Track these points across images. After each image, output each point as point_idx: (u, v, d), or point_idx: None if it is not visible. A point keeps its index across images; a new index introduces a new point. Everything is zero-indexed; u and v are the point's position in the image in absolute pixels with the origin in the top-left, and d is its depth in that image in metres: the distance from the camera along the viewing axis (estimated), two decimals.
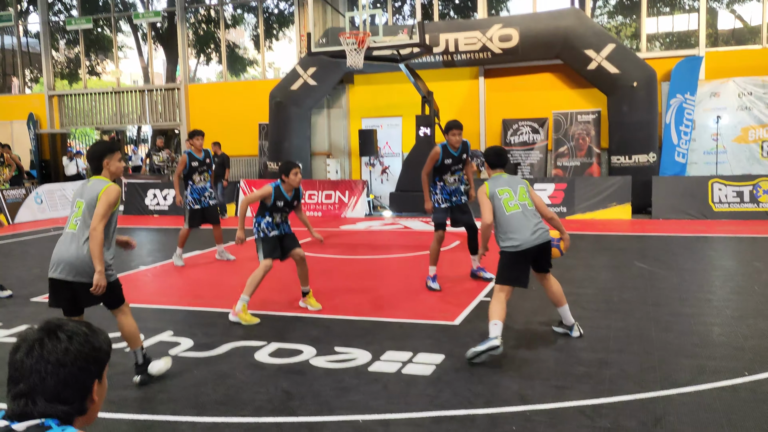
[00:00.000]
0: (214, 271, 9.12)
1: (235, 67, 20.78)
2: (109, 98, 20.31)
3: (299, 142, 16.53)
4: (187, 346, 5.66)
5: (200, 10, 20.51)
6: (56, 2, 21.94)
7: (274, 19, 20.01)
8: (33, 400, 1.61)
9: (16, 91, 22.22)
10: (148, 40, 20.73)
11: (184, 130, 19.06)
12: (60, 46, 22.34)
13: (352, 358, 5.25)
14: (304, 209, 14.47)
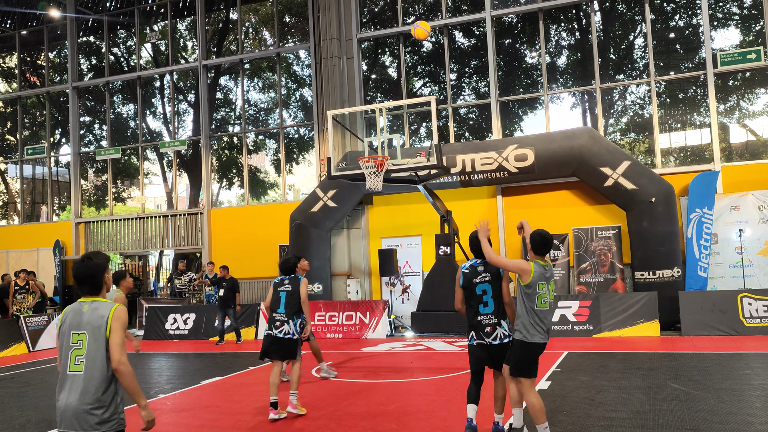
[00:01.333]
0: (235, 398, 8.89)
1: (257, 191, 21.31)
2: (133, 224, 20.78)
3: (319, 263, 16.61)
4: None
5: (224, 138, 21.34)
6: (87, 134, 22.98)
7: (294, 143, 20.73)
8: None
9: (44, 219, 22.84)
10: (173, 167, 21.46)
11: (206, 254, 19.29)
12: (89, 175, 23.17)
13: None
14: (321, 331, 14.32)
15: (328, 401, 8.36)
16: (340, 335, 14.97)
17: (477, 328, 6.05)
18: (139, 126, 21.57)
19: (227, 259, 18.10)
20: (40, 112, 23.17)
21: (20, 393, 10.04)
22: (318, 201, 16.36)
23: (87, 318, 3.76)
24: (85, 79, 22.33)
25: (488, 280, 6.05)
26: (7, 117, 23.65)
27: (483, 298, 6.01)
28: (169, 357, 13.37)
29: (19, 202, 23.37)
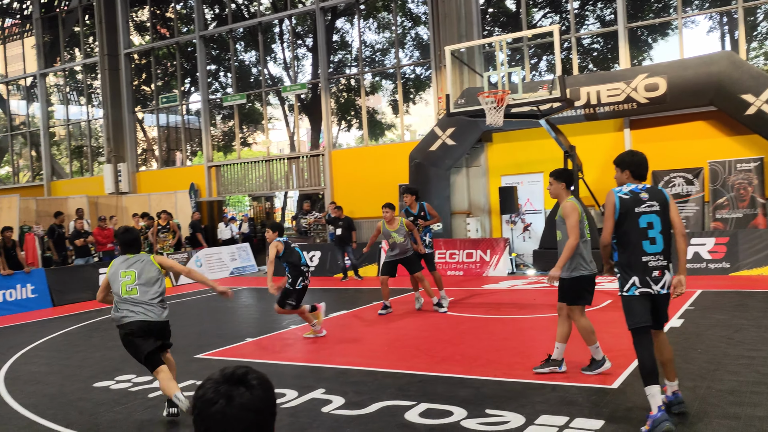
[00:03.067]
0: (361, 330, 9.24)
1: (375, 132, 21.50)
2: (259, 167, 21.68)
3: (439, 202, 16.65)
4: (338, 404, 5.72)
5: (341, 80, 21.59)
6: (213, 82, 23.98)
7: (411, 83, 20.62)
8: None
9: (179, 164, 24.31)
10: (294, 111, 22.05)
11: (328, 194, 19.85)
12: (216, 121, 24.28)
13: (504, 421, 5.05)
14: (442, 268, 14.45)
15: (451, 335, 8.51)
16: (461, 272, 15.07)
17: (640, 272, 4.78)
18: (261, 72, 22.23)
19: (348, 198, 18.54)
20: (171, 63, 24.38)
21: None
22: (436, 139, 16.30)
23: (134, 263, 5.73)
24: (209, 28, 23.19)
25: (656, 210, 4.81)
26: (142, 68, 25.09)
27: (649, 232, 4.78)
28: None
29: (157, 148, 24.97)
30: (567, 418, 5.01)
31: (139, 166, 24.49)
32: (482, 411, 5.30)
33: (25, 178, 27.98)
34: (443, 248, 15.52)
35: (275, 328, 9.77)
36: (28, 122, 27.66)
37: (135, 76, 24.82)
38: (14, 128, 28.02)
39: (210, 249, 18.16)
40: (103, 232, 16.61)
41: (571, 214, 5.96)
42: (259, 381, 1.73)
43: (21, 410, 6.13)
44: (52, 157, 26.58)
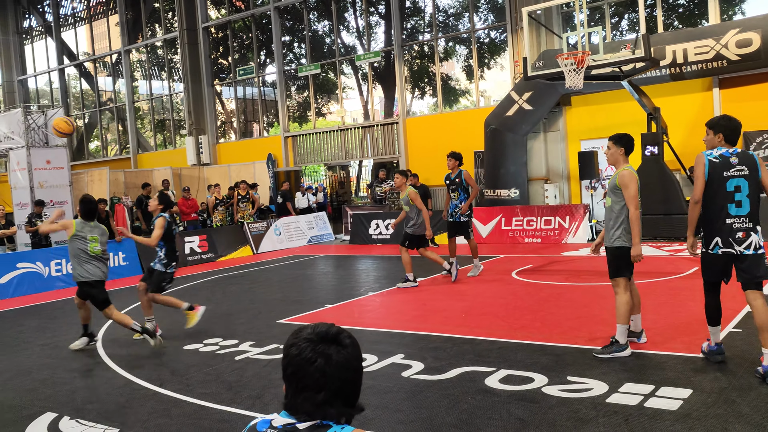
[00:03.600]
0: (440, 296, 9.29)
1: (448, 98, 21.26)
2: (334, 136, 21.88)
3: (516, 168, 16.41)
4: (418, 369, 5.79)
5: (414, 47, 21.40)
6: (288, 53, 24.24)
7: (485, 48, 20.23)
8: (332, 404, 1.73)
9: (257, 135, 24.84)
10: (368, 80, 22.05)
11: (403, 162, 19.86)
12: (292, 92, 24.59)
13: (587, 388, 4.99)
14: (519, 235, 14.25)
15: (530, 302, 8.43)
16: (539, 240, 14.85)
17: (725, 233, 5.02)
18: (334, 41, 22.29)
19: (423, 166, 18.49)
20: (247, 35, 24.77)
21: (250, 289, 11.31)
22: (513, 104, 15.98)
23: (94, 229, 7.39)
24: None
25: (745, 174, 4.98)
26: (219, 42, 25.61)
27: (735, 196, 4.98)
28: (374, 259, 14.20)
29: (235, 120, 25.56)
30: (652, 387, 4.90)
31: (219, 138, 25.17)
32: (564, 378, 5.26)
33: (113, 151, 29.27)
34: (520, 215, 15.31)
35: (353, 295, 9.94)
36: (115, 98, 28.82)
37: (213, 50, 25.38)
38: (102, 104, 29.27)
39: (288, 218, 18.56)
40: (187, 202, 17.24)
41: (630, 184, 5.69)
42: (351, 340, 1.79)
43: (119, 370, 6.50)
44: (137, 130, 27.66)
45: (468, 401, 4.90)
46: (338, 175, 25.69)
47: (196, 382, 5.87)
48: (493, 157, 16.46)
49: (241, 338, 7.47)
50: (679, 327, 6.63)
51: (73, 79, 30.58)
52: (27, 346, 7.98)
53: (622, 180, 5.72)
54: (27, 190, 15.54)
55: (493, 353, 6.13)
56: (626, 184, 5.69)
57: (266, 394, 5.39)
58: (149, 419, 5.00)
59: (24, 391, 6.00)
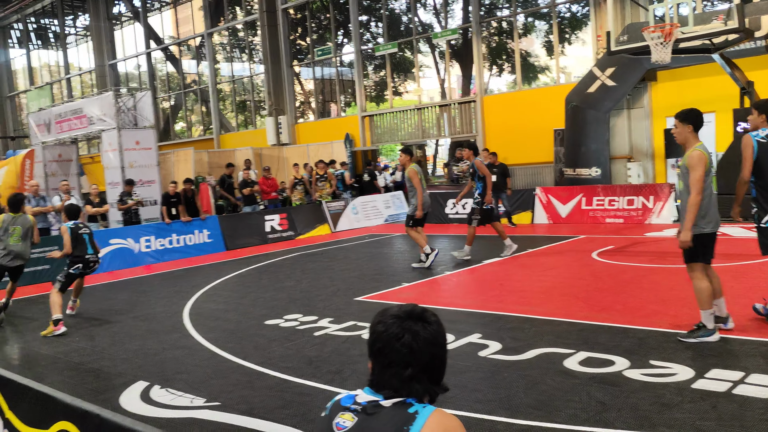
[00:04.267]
0: (518, 276, 9.19)
1: (527, 75, 20.81)
2: (411, 115, 21.85)
3: (597, 146, 15.94)
4: (495, 349, 5.76)
5: (493, 23, 21.02)
6: (365, 32, 24.30)
7: (566, 23, 19.65)
8: (419, 381, 1.77)
9: (335, 115, 25.10)
10: (445, 58, 21.84)
11: (480, 141, 19.64)
12: (369, 72, 24.67)
13: (671, 373, 4.85)
14: (600, 215, 13.87)
15: (611, 284, 8.23)
16: (621, 220, 14.41)
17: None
18: (411, 19, 22.16)
19: (500, 145, 18.22)
20: (325, 16, 24.95)
21: (328, 266, 11.51)
22: (595, 80, 15.49)
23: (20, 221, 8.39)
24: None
25: None
26: (298, 23, 25.93)
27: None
28: (450, 239, 14.16)
29: (313, 100, 25.90)
30: (742, 374, 4.71)
31: (298, 118, 25.58)
32: (646, 362, 5.12)
33: (197, 132, 30.25)
34: (601, 194, 14.89)
35: (431, 274, 9.96)
36: (198, 80, 29.71)
37: (291, 31, 25.72)
38: (186, 86, 30.24)
39: (365, 197, 18.72)
40: (268, 181, 17.65)
41: (698, 166, 5.33)
42: (435, 318, 1.83)
43: (204, 342, 6.78)
44: (219, 112, 28.45)
45: (547, 383, 4.85)
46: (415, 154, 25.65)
47: (278, 356, 6.05)
48: (574, 135, 16.04)
49: (320, 315, 7.63)
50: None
51: (159, 63, 31.70)
52: (119, 318, 8.42)
53: (690, 161, 5.40)
54: (118, 170, 16.29)
55: (572, 335, 6.03)
56: (693, 165, 5.37)
57: (345, 370, 5.50)
58: (233, 390, 5.20)
59: (118, 360, 6.34)
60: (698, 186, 5.34)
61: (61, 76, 35.09)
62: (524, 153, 18.27)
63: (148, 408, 4.92)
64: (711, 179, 5.55)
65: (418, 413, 1.72)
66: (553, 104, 17.24)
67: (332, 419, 1.81)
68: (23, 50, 37.38)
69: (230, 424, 4.48)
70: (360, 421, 1.76)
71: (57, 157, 19.48)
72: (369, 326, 1.88)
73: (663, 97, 16.08)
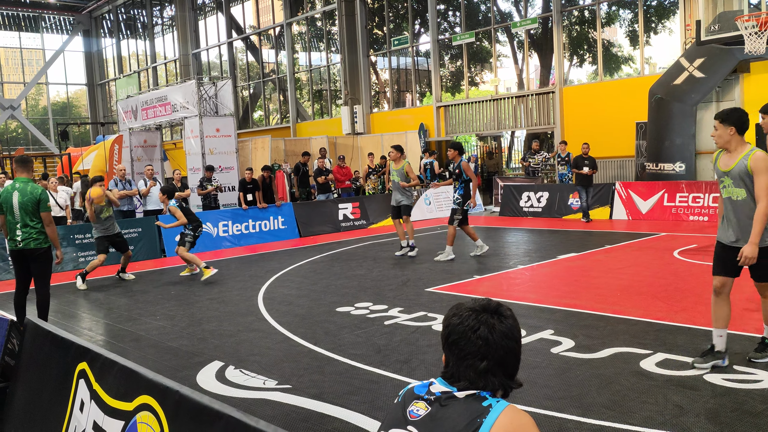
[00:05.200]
0: (594, 272, 8.96)
1: (609, 66, 20.17)
2: (487, 106, 21.58)
3: (682, 141, 15.30)
4: (568, 346, 5.65)
5: (574, 12, 20.47)
6: (443, 22, 24.12)
7: (653, 11, 18.91)
8: (494, 374, 1.77)
9: (409, 105, 25.07)
10: (524, 47, 21.44)
11: (558, 133, 19.21)
12: (445, 61, 24.49)
13: (756, 380, 4.63)
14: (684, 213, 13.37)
15: (693, 284, 7.90)
16: (705, 218, 13.82)
17: None
18: (489, 8, 21.84)
19: (579, 137, 17.76)
20: (402, 5, 24.91)
21: (399, 257, 11.53)
22: (682, 72, 14.86)
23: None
24: None
25: None
26: (375, 12, 26.00)
27: None
28: (524, 232, 13.94)
29: (388, 90, 25.95)
30: None
31: (373, 107, 25.70)
32: (729, 366, 4.90)
33: (274, 120, 30.86)
34: (685, 191, 14.31)
35: (502, 267, 9.85)
36: (277, 69, 30.27)
37: (369, 20, 25.81)
38: (265, 75, 30.87)
39: (438, 188, 18.64)
40: (342, 170, 17.83)
41: (766, 171, 4.59)
42: (510, 312, 1.84)
43: (277, 326, 6.93)
44: (296, 100, 28.91)
45: (621, 383, 4.72)
46: (489, 146, 25.33)
47: (348, 343, 6.12)
48: (657, 129, 15.46)
49: (390, 304, 7.67)
50: None
51: (240, 52, 32.47)
52: (197, 299, 8.72)
53: (755, 164, 4.64)
54: (199, 156, 16.83)
55: (650, 335, 5.83)
56: (760, 170, 4.60)
57: (413, 360, 5.52)
58: (304, 374, 5.30)
59: (196, 340, 6.57)
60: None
61: (148, 65, 36.47)
62: (604, 146, 17.75)
63: (222, 387, 5.08)
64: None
65: (491, 407, 1.71)
66: (635, 96, 16.66)
67: (406, 407, 1.83)
68: (113, 40, 39.05)
69: (300, 407, 4.57)
70: (433, 411, 1.76)
71: (142, 143, 20.30)
72: (443, 319, 1.88)
73: (756, 89, 15.25)
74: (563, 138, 18.48)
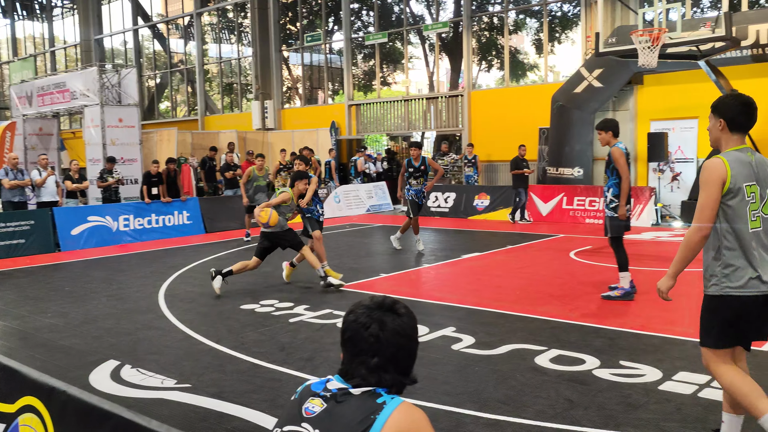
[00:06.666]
0: (495, 272, 9.24)
1: (516, 72, 20.87)
2: (398, 106, 21.82)
3: (581, 147, 16.04)
4: (468, 342, 5.80)
5: (484, 18, 21.02)
6: (356, 21, 24.19)
7: (557, 21, 19.70)
8: (386, 370, 1.79)
9: (321, 102, 24.99)
10: (435, 50, 21.81)
11: (466, 136, 19.67)
12: (358, 61, 24.57)
13: (639, 374, 4.91)
14: (581, 215, 13.96)
15: (587, 283, 8.30)
16: (601, 221, 14.52)
17: None
18: (403, 10, 22.09)
19: (486, 140, 18.29)
20: (316, 1, 24.79)
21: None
22: (582, 81, 15.56)
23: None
24: None
25: None
26: (289, 7, 25.74)
27: None
28: (432, 231, 14.20)
29: (300, 86, 25.76)
30: (708, 377, 4.78)
31: (284, 103, 25.44)
32: (616, 362, 5.18)
33: (181, 112, 29.99)
34: (582, 195, 15.00)
35: (409, 266, 9.99)
36: (185, 60, 29.42)
37: (282, 15, 25.53)
38: (173, 66, 29.93)
39: (348, 186, 18.70)
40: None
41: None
42: (406, 310, 1.86)
43: (178, 324, 6.75)
44: (205, 93, 28.21)
45: (517, 378, 4.89)
46: (400, 146, 25.63)
47: (251, 341, 6.04)
48: (559, 135, 16.12)
49: (296, 301, 7.62)
50: None
51: (146, 40, 31.33)
52: (94, 296, 8.36)
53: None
54: (99, 147, 16.13)
55: (545, 332, 6.08)
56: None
57: (317, 357, 5.51)
58: (204, 373, 5.19)
59: (90, 338, 6.30)
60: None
61: (46, 49, 34.58)
62: (509, 150, 18.29)
63: (117, 387, 4.90)
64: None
65: (386, 403, 1.74)
66: (539, 103, 17.30)
67: (302, 404, 1.83)
68: (7, 20, 36.75)
69: (199, 407, 4.47)
70: (329, 408, 1.77)
71: (38, 131, 19.24)
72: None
73: (648, 100, 16.20)
74: (470, 141, 18.94)
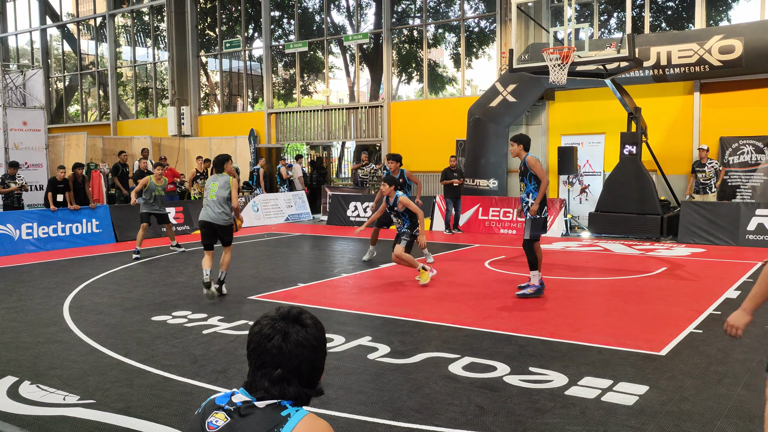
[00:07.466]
0: (412, 281, 9.34)
1: (435, 85, 21.25)
2: (318, 115, 21.78)
3: (496, 159, 16.49)
4: (384, 352, 5.84)
5: (404, 31, 21.32)
6: (277, 29, 24.01)
7: (474, 37, 20.24)
8: (289, 383, 1.76)
9: (240, 110, 24.63)
10: (355, 61, 21.93)
11: (385, 146, 19.84)
12: (278, 69, 24.38)
13: (547, 380, 5.08)
14: (495, 226, 14.29)
15: (500, 292, 8.52)
16: (514, 231, 14.96)
17: None
18: (324, 20, 22.11)
19: (404, 151, 18.41)
20: (236, 7, 24.45)
21: None
22: (497, 95, 16.02)
23: (217, 179, 8.27)
24: None
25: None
26: (207, 12, 25.28)
27: None
28: (350, 241, 14.22)
29: (219, 93, 25.30)
30: (611, 381, 5.00)
31: (202, 109, 24.91)
32: (526, 368, 5.34)
33: (92, 116, 28.85)
34: (497, 206, 15.41)
35: (327, 276, 9.97)
36: (97, 62, 28.36)
37: (200, 20, 25.04)
38: (84, 68, 28.78)
39: (267, 195, 18.49)
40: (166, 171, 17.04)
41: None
42: (312, 321, 1.84)
43: (84, 337, 6.47)
44: (118, 97, 27.27)
45: (430, 386, 4.96)
46: (320, 155, 25.58)
47: (161, 354, 5.87)
48: (475, 147, 16.51)
49: (210, 312, 7.46)
50: (643, 324, 6.75)
51: (55, 41, 30.00)
52: None
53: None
54: (1, 151, 15.30)
55: (459, 340, 6.20)
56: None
57: (231, 369, 5.41)
58: (111, 388, 5.00)
59: None
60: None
61: None
62: (427, 161, 18.62)
63: (14, 405, 4.65)
64: None
65: (290, 416, 1.72)
66: (457, 115, 17.68)
67: (205, 418, 1.79)
68: None
69: (104, 423, 4.30)
70: (233, 422, 1.74)
71: None
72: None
73: (559, 116, 16.85)
74: (390, 150, 19.12)
